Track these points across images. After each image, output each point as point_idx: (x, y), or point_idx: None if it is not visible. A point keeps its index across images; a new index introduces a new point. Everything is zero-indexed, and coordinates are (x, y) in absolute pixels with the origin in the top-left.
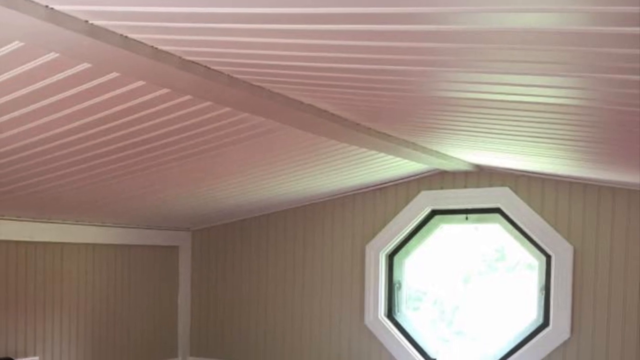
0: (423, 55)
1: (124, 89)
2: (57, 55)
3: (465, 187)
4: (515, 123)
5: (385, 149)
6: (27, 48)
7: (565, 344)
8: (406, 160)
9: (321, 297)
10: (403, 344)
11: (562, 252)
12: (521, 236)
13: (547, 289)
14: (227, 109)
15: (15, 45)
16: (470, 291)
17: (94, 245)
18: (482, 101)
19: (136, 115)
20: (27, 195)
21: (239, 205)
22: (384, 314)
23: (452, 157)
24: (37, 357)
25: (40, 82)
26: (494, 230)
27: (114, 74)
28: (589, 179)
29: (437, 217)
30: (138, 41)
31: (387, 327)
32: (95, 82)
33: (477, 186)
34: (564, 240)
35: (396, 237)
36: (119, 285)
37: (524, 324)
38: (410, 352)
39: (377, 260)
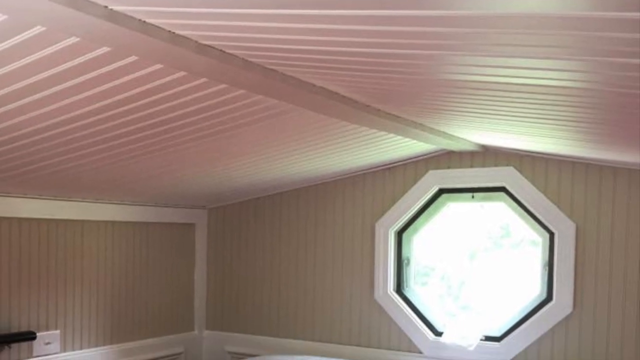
0: (430, 40)
1: (142, 72)
2: (78, 39)
3: (472, 166)
4: (519, 105)
5: (394, 130)
6: (48, 32)
7: (567, 318)
8: (414, 141)
9: (332, 272)
10: (411, 317)
11: (565, 229)
12: (525, 214)
13: (550, 265)
14: (242, 91)
15: (37, 30)
16: (476, 267)
17: (113, 222)
18: (487, 84)
19: (154, 98)
20: (48, 174)
21: (253, 184)
22: (393, 289)
23: (458, 138)
24: (58, 331)
25: (62, 66)
26: (499, 208)
27: (132, 58)
28: (591, 159)
29: (444, 196)
30: (156, 26)
31: (396, 301)
32: (114, 66)
33: (483, 166)
34: (567, 218)
35: (405, 214)
36: (137, 261)
37: (528, 298)
38: (418, 325)
39: (387, 237)
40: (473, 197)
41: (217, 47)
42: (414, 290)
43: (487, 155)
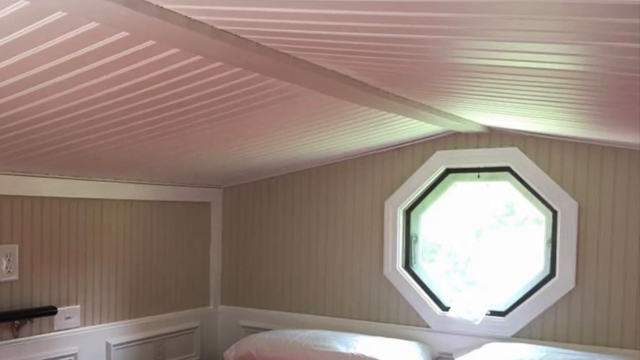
0: (438, 25)
1: (159, 56)
2: (97, 24)
3: (477, 147)
4: (524, 87)
5: (403, 112)
6: (69, 18)
7: (570, 293)
8: (422, 122)
9: (343, 250)
10: (419, 293)
11: (568, 207)
12: (529, 193)
13: (553, 242)
14: (256, 74)
15: (59, 15)
16: (482, 244)
17: (132, 201)
18: (493, 67)
19: (171, 81)
20: (69, 155)
21: (266, 164)
22: (402, 265)
23: (465, 120)
24: (78, 306)
25: (82, 50)
26: (504, 187)
27: (150, 42)
28: (593, 140)
29: (451, 175)
30: (172, 11)
31: (405, 277)
32: (132, 50)
33: (488, 146)
34: (569, 197)
35: (413, 193)
36: (154, 238)
37: (531, 275)
38: (426, 300)
39: (395, 215)
40: (479, 176)
41: (231, 32)
42: (421, 267)
43: (493, 137)
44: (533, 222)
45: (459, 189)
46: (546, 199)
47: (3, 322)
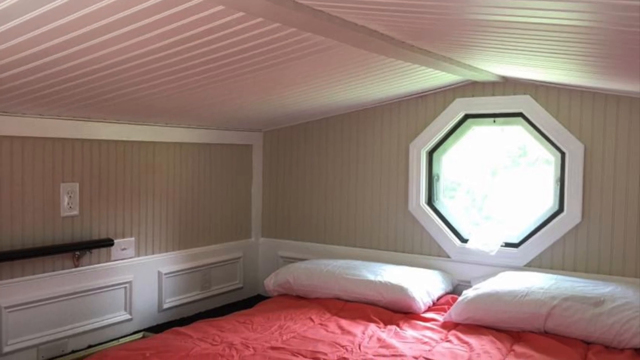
0: None
1: (205, 13)
2: None
3: (493, 95)
4: (535, 41)
5: (426, 63)
6: None
7: (577, 227)
8: (443, 73)
9: (372, 187)
10: (441, 227)
11: (575, 149)
12: (540, 136)
13: (561, 180)
14: (293, 29)
15: None
16: (497, 182)
17: (181, 143)
18: (507, 23)
19: (216, 35)
20: (125, 102)
21: (303, 110)
22: (425, 202)
23: (482, 70)
24: (132, 238)
25: (136, 7)
26: (517, 131)
27: (197, 0)
28: (597, 88)
29: (469, 120)
30: None
31: (427, 212)
32: (181, 7)
33: (503, 94)
34: (576, 140)
35: (435, 137)
36: (201, 177)
37: (542, 210)
38: (446, 233)
39: (419, 156)
40: (494, 121)
41: None
42: (443, 203)
43: (507, 85)
44: (543, 162)
45: (476, 133)
46: (555, 141)
47: (65, 253)
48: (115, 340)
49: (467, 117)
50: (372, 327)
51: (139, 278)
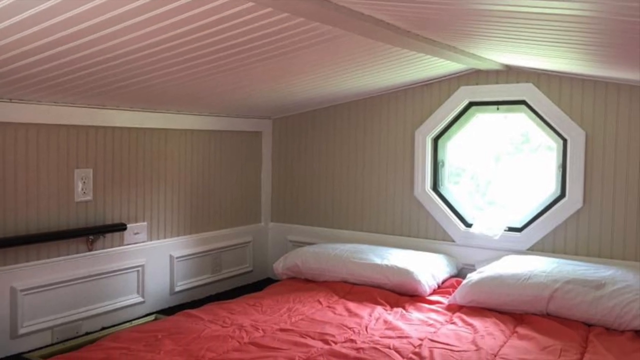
0: None
1: (216, 3)
2: None
3: (497, 83)
4: (538, 31)
5: (431, 52)
6: None
7: (578, 211)
8: (448, 61)
9: (378, 173)
10: (445, 211)
11: (576, 136)
12: (542, 123)
13: (563, 166)
14: (301, 19)
15: None
16: (501, 168)
17: (192, 130)
18: (510, 12)
19: (226, 25)
20: (138, 90)
21: (311, 98)
22: (430, 187)
23: (485, 59)
24: (145, 223)
25: None
26: (520, 118)
27: None
28: (598, 77)
29: (473, 108)
30: None
31: (433, 198)
32: None
33: (506, 82)
34: (578, 127)
35: (440, 124)
36: (212, 163)
37: (544, 195)
38: (451, 218)
39: (424, 143)
40: (498, 109)
41: None
42: (447, 188)
43: (510, 74)
44: (545, 149)
45: (480, 120)
46: (557, 128)
47: (79, 237)
48: (128, 323)
49: (471, 104)
50: (379, 309)
51: (151, 262)
